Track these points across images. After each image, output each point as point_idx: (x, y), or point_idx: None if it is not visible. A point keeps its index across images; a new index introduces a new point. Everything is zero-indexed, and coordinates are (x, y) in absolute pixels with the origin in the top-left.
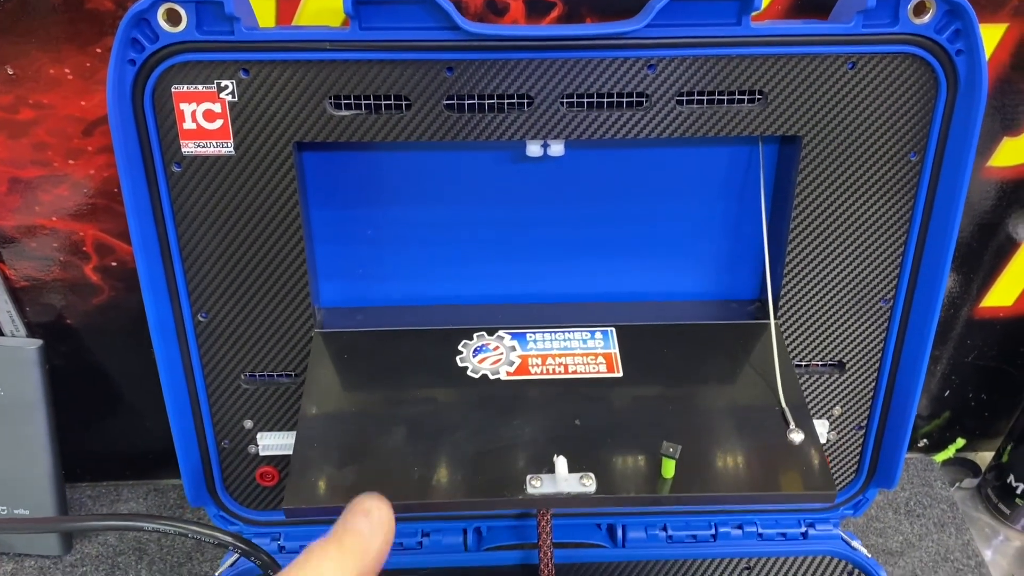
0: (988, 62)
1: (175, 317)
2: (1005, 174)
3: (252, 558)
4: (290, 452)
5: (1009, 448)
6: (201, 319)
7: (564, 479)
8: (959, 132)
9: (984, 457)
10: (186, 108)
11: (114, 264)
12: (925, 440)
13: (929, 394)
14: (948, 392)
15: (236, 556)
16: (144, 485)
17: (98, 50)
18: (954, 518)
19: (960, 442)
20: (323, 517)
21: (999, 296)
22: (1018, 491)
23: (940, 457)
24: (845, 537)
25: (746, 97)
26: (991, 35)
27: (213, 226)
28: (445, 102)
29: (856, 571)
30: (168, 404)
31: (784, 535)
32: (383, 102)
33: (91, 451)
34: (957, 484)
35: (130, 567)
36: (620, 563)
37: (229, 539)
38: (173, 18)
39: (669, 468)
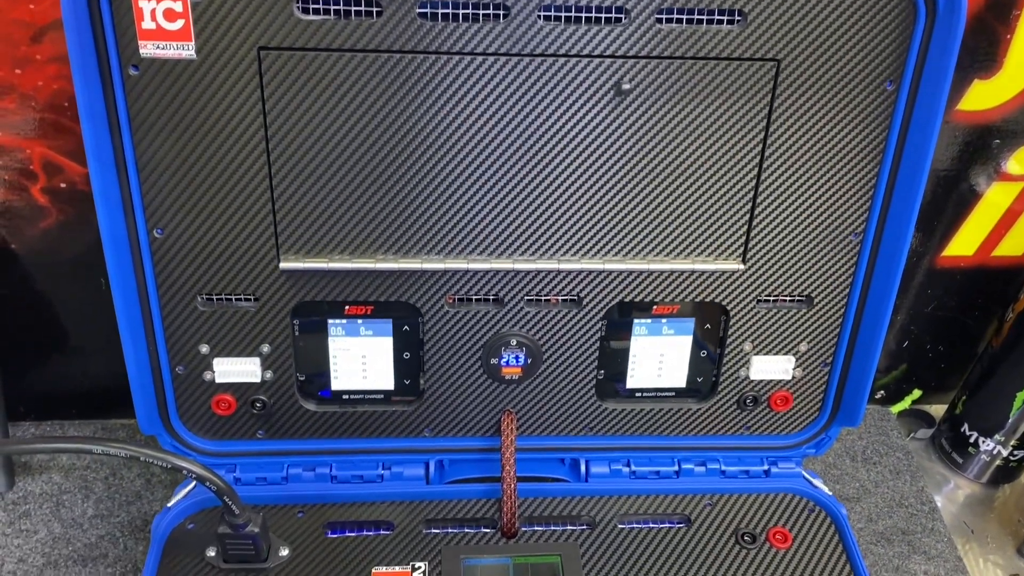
0: None
1: (129, 232)
2: (973, 119)
3: (207, 483)
4: (248, 380)
5: (964, 399)
6: (156, 235)
7: None
8: (935, 62)
9: (937, 410)
10: (145, 6)
11: (63, 186)
12: (882, 392)
13: (887, 346)
14: (907, 343)
15: (190, 486)
16: (91, 424)
17: None
18: (909, 466)
19: (916, 393)
20: (279, 447)
21: (961, 246)
22: (971, 440)
23: (897, 408)
24: (807, 475)
25: (726, 17)
26: None
27: (171, 135)
28: (419, 10)
29: (817, 508)
30: (121, 325)
31: (747, 472)
32: (353, 7)
33: (35, 388)
34: (912, 435)
35: (75, 505)
36: (583, 498)
37: (182, 464)
38: None
39: None
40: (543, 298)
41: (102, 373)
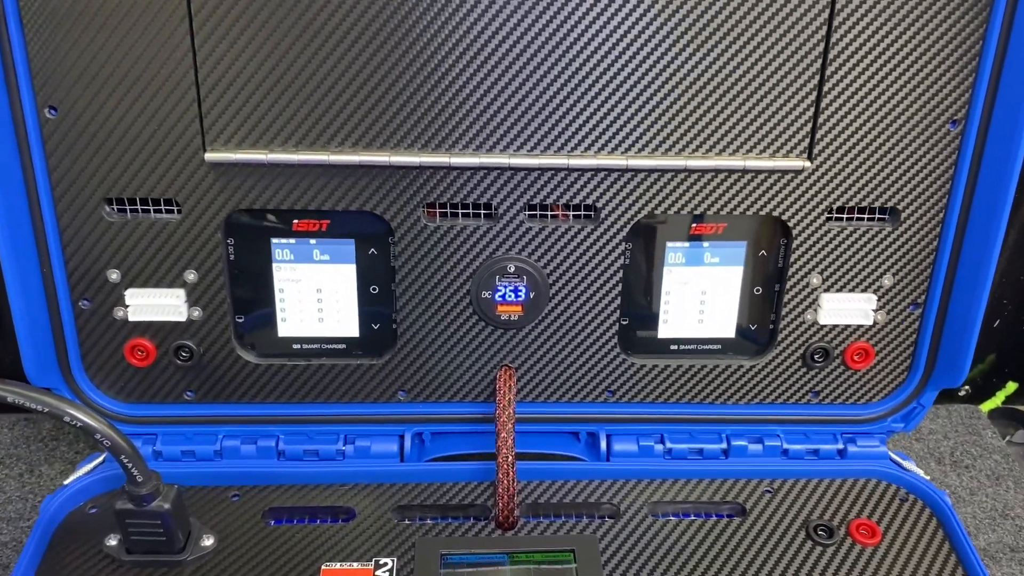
0: None
1: (13, 111)
2: None
3: (98, 436)
4: (170, 319)
5: None
6: (49, 116)
7: None
8: None
9: None
10: None
11: None
12: (967, 388)
13: None
14: (998, 321)
15: (97, 460)
16: (12, 415)
17: None
18: (1011, 471)
19: (1011, 386)
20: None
21: None
22: None
23: (987, 406)
24: (895, 456)
25: None
26: None
27: None
28: None
29: (910, 496)
30: (1, 241)
31: (816, 452)
32: None
33: None
34: (1008, 438)
35: None
36: (604, 482)
37: (58, 405)
38: None
39: None
40: (548, 212)
41: None
